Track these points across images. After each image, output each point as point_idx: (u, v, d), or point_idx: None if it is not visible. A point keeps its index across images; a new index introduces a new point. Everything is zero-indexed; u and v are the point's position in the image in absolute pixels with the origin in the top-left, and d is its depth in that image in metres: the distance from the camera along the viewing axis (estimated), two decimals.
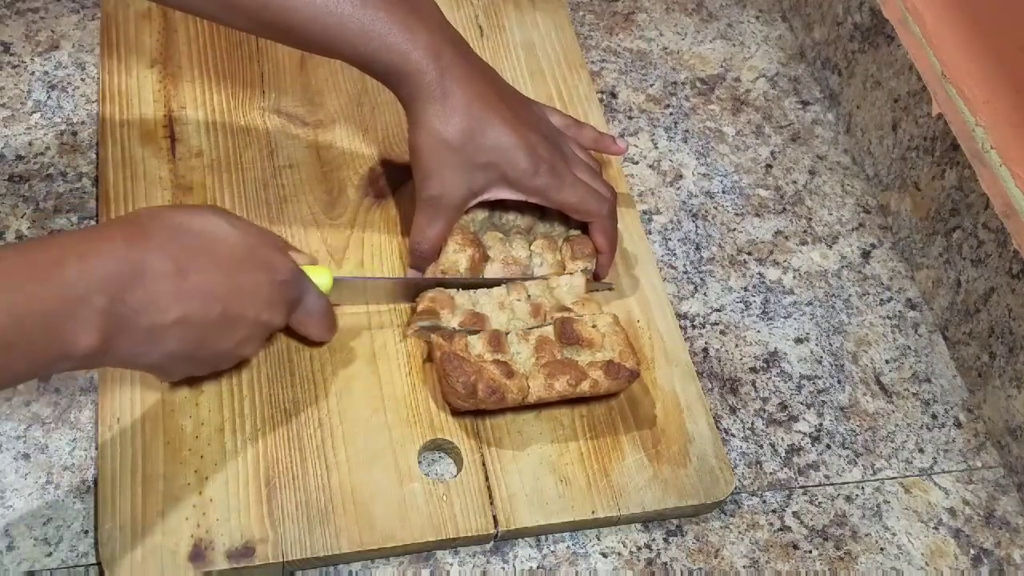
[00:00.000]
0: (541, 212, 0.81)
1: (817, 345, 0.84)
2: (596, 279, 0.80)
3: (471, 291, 0.76)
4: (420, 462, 0.72)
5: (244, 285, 0.65)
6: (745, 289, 0.86)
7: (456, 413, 0.73)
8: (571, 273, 0.78)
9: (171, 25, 0.89)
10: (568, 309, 0.76)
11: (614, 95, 0.96)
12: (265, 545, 0.66)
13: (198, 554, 0.65)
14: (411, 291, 0.77)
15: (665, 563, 0.72)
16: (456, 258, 0.76)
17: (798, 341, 0.84)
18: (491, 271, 0.77)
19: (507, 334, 0.74)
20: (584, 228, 0.80)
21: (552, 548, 0.71)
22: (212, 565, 0.65)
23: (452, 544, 0.70)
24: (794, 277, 0.87)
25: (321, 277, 0.72)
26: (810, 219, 0.91)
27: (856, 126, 0.96)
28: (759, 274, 0.87)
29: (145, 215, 0.63)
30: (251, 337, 0.67)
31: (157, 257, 0.60)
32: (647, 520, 0.73)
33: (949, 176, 0.85)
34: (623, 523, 0.72)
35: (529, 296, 0.77)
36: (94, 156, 0.83)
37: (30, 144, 0.83)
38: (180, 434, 0.70)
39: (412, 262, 0.78)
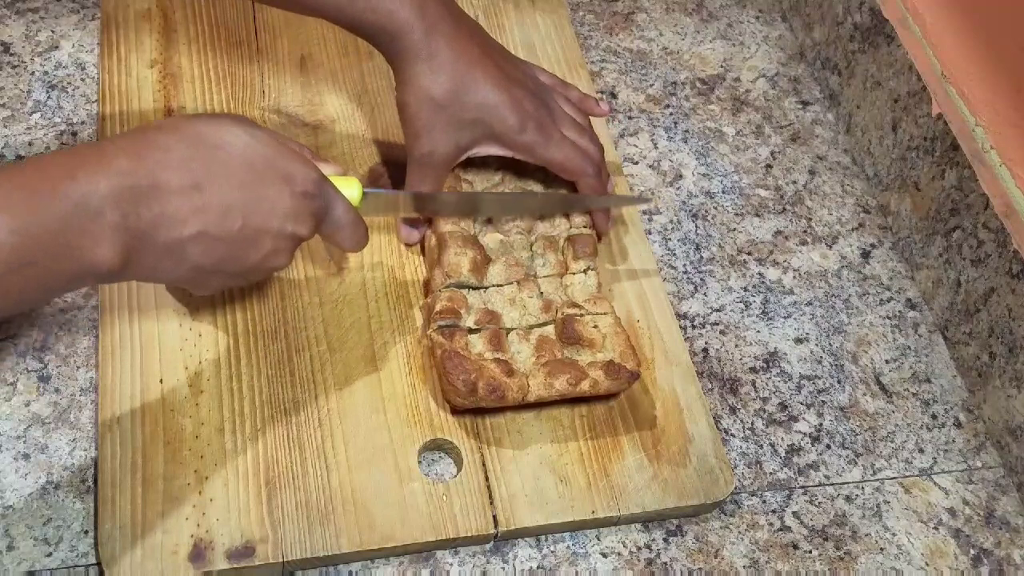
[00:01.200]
0: (542, 214, 0.81)
1: (817, 345, 0.84)
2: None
3: (482, 290, 0.76)
4: (420, 462, 0.72)
5: (264, 197, 0.63)
6: (745, 289, 0.86)
7: (456, 412, 0.73)
8: (574, 273, 0.78)
9: (171, 25, 0.89)
10: (579, 306, 0.76)
11: (614, 95, 0.96)
12: (265, 545, 0.66)
13: (198, 554, 0.65)
14: (439, 205, 0.78)
15: (665, 563, 0.72)
16: (457, 260, 0.76)
17: (798, 341, 0.84)
18: (493, 272, 0.77)
19: (508, 333, 0.74)
20: (581, 208, 0.81)
21: (552, 548, 0.71)
22: (212, 565, 0.65)
23: (452, 544, 0.70)
24: (794, 277, 0.87)
25: (350, 189, 0.71)
26: (810, 219, 0.91)
27: (856, 126, 0.96)
28: (759, 274, 0.87)
29: (161, 126, 0.62)
30: (278, 249, 0.65)
31: (171, 171, 0.59)
32: (647, 520, 0.73)
33: (949, 176, 0.85)
34: (623, 523, 0.72)
35: (541, 293, 0.77)
36: None
37: (30, 144, 0.83)
38: (180, 434, 0.70)
39: (406, 219, 0.79)
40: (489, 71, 0.74)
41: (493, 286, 0.76)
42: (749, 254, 0.88)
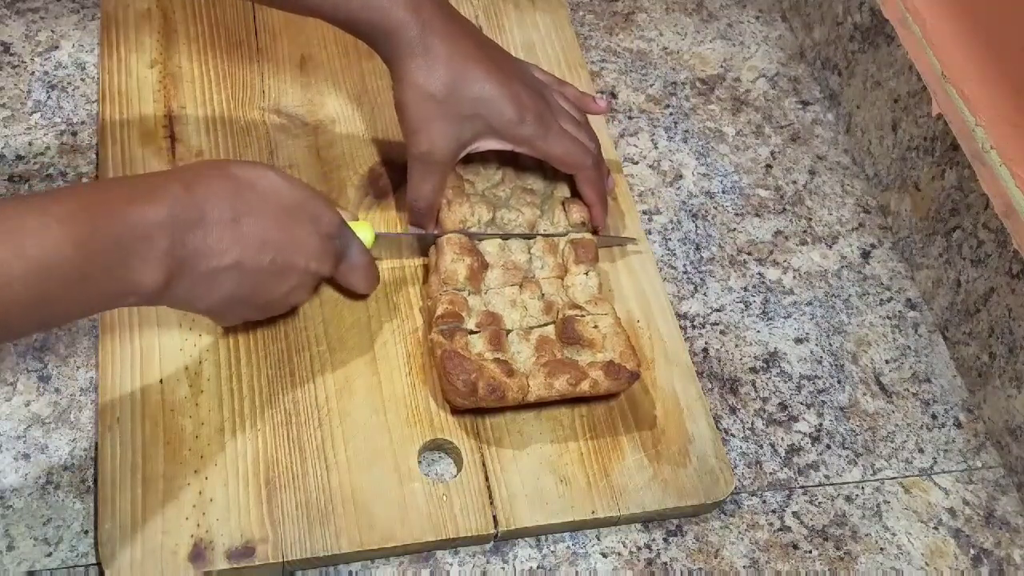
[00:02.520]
0: (541, 209, 0.81)
1: (817, 345, 0.84)
2: (595, 234, 0.81)
3: (483, 292, 0.76)
4: (420, 462, 0.72)
5: (295, 235, 0.68)
6: (745, 289, 0.86)
7: (456, 412, 0.73)
8: (575, 274, 0.78)
9: (171, 25, 0.89)
10: (580, 307, 0.76)
11: (614, 95, 0.96)
12: (265, 545, 0.66)
13: (198, 554, 0.65)
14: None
15: (665, 563, 0.72)
16: (455, 267, 0.75)
17: (798, 341, 0.84)
18: (491, 278, 0.77)
19: (508, 333, 0.74)
20: (577, 199, 0.81)
21: (552, 548, 0.71)
22: (212, 565, 0.65)
23: (452, 544, 0.70)
24: (794, 277, 0.87)
25: (364, 232, 0.75)
26: (810, 219, 0.91)
27: (856, 126, 0.96)
28: (759, 274, 0.87)
29: (203, 165, 0.66)
30: (301, 285, 0.70)
31: (215, 204, 0.63)
32: (647, 520, 0.73)
33: (949, 176, 0.85)
34: (623, 523, 0.72)
35: (543, 294, 0.77)
36: (94, 156, 0.83)
37: (30, 144, 0.83)
38: (180, 434, 0.70)
39: (412, 220, 0.79)
40: (485, 66, 0.75)
41: (490, 289, 0.76)
42: (749, 254, 0.88)
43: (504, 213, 0.80)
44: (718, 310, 0.85)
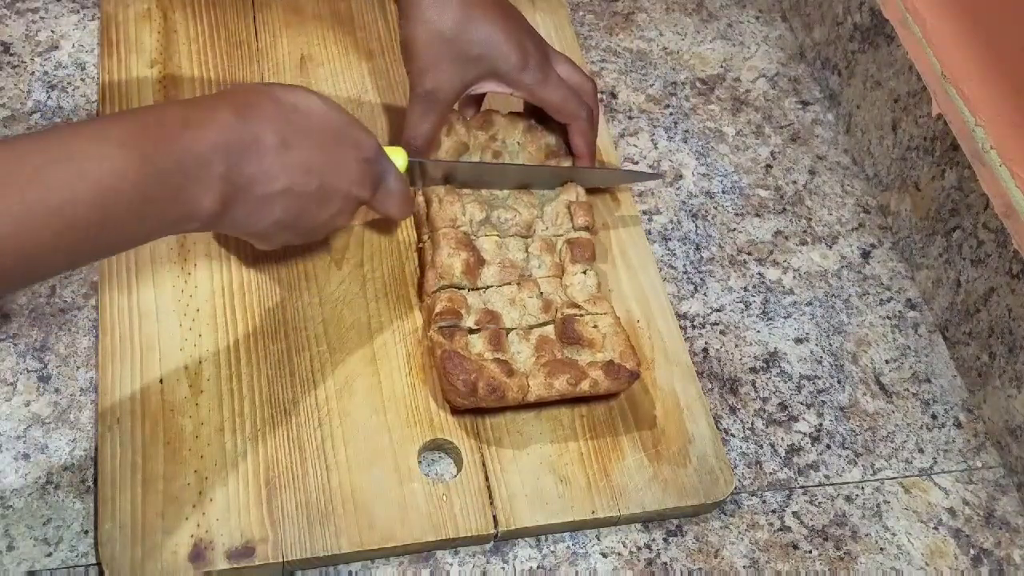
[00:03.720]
0: (540, 210, 0.81)
1: (817, 345, 0.84)
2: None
3: (482, 290, 0.76)
4: (420, 462, 0.72)
5: (338, 160, 0.69)
6: (745, 289, 0.86)
7: (456, 412, 0.73)
8: (573, 273, 0.78)
9: (171, 25, 0.89)
10: (579, 306, 0.76)
11: (614, 95, 0.96)
12: (265, 545, 0.66)
13: (198, 554, 0.65)
14: (478, 175, 0.81)
15: (665, 563, 0.72)
16: (451, 262, 0.76)
17: (798, 341, 0.84)
18: (487, 274, 0.77)
19: (508, 333, 0.74)
20: (582, 202, 0.82)
21: (552, 548, 0.71)
22: (212, 565, 0.65)
23: (452, 544, 0.70)
24: (794, 277, 0.87)
25: (398, 158, 0.76)
26: (810, 219, 0.91)
27: (856, 126, 0.96)
28: (759, 274, 0.87)
29: (249, 90, 0.67)
30: (344, 210, 0.71)
31: (264, 130, 0.64)
32: (647, 520, 0.73)
33: (949, 176, 0.85)
34: (623, 523, 0.72)
35: (541, 293, 0.77)
36: None
37: None
38: (180, 434, 0.70)
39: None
40: (494, 10, 0.76)
41: (488, 287, 0.76)
42: (749, 254, 0.88)
43: (501, 213, 0.80)
44: (718, 310, 0.85)
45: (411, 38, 0.76)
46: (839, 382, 0.82)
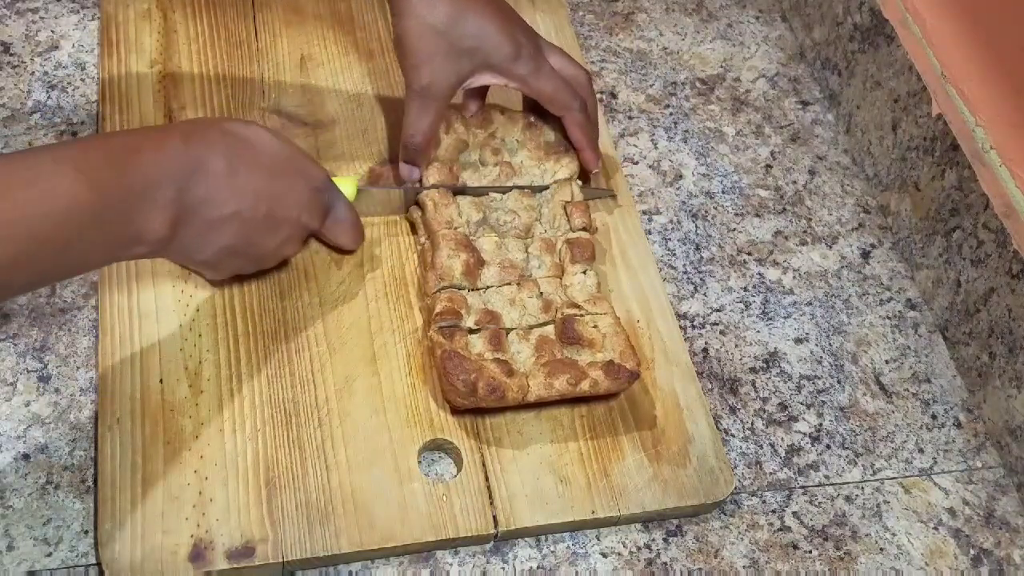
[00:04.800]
0: (539, 212, 0.81)
1: (817, 345, 0.84)
2: (585, 182, 0.83)
3: (482, 290, 0.76)
4: (420, 462, 0.71)
5: (287, 188, 0.70)
6: (745, 289, 0.86)
7: (456, 412, 0.73)
8: (573, 273, 0.78)
9: (171, 25, 0.89)
10: (579, 306, 0.76)
11: (614, 95, 0.96)
12: (265, 545, 0.66)
13: (198, 554, 0.65)
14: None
15: (665, 563, 0.72)
16: (451, 263, 0.76)
17: (798, 341, 0.84)
18: (488, 275, 0.77)
19: (508, 333, 0.74)
20: (579, 202, 0.82)
21: (552, 548, 0.71)
22: (212, 565, 0.65)
23: (452, 544, 0.70)
24: (794, 277, 0.87)
25: (346, 186, 0.77)
26: (810, 219, 0.91)
27: (856, 126, 0.96)
28: (759, 274, 0.87)
29: (197, 121, 0.69)
30: (292, 237, 0.73)
31: (213, 156, 0.66)
32: (647, 520, 0.73)
33: (949, 176, 0.85)
34: (623, 523, 0.72)
35: (541, 293, 0.77)
36: None
37: (30, 144, 0.83)
38: (180, 434, 0.70)
39: (406, 156, 0.80)
40: (483, 3, 0.77)
41: (488, 288, 0.76)
42: (749, 254, 0.88)
43: (499, 215, 0.80)
44: (718, 310, 0.85)
45: (403, 34, 0.76)
46: (839, 382, 0.82)
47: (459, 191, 0.80)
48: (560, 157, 0.83)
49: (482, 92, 0.83)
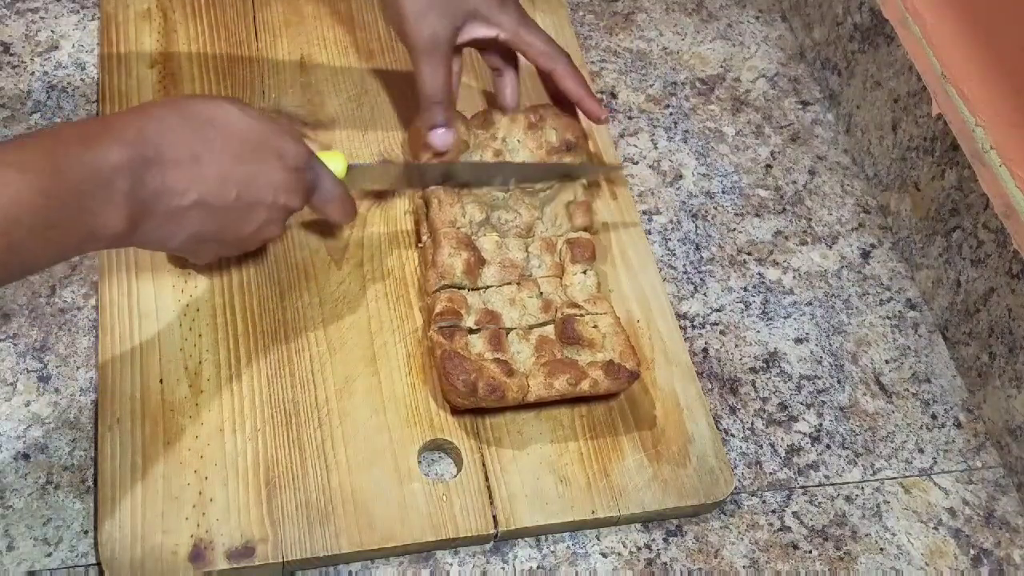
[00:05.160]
0: (540, 211, 0.81)
1: (817, 345, 0.84)
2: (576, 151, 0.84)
3: (482, 290, 0.76)
4: (420, 462, 0.72)
5: (258, 171, 0.67)
6: (745, 289, 0.86)
7: (456, 412, 0.73)
8: (573, 273, 0.78)
9: (171, 25, 0.89)
10: (579, 306, 0.76)
11: (614, 95, 0.96)
12: (265, 545, 0.66)
13: (198, 554, 0.65)
14: (422, 176, 0.80)
15: (665, 563, 0.72)
16: (451, 262, 0.76)
17: (798, 341, 0.84)
18: (488, 274, 0.77)
19: (508, 333, 0.74)
20: (581, 203, 0.81)
21: (552, 548, 0.71)
22: (212, 565, 0.65)
23: (452, 544, 0.70)
24: (794, 277, 0.87)
25: (335, 163, 0.75)
26: (810, 219, 0.91)
27: (856, 126, 0.96)
28: (759, 274, 0.87)
29: (157, 104, 0.66)
30: (271, 220, 0.70)
31: (171, 143, 0.63)
32: (647, 520, 0.73)
33: (949, 176, 0.85)
34: (623, 523, 0.72)
35: (541, 293, 0.77)
36: None
37: None
38: (180, 434, 0.70)
39: (432, 120, 0.79)
40: None
41: (489, 287, 0.76)
42: (749, 254, 0.88)
43: (501, 214, 0.80)
44: (718, 310, 0.85)
45: None
46: (839, 382, 0.82)
47: (453, 179, 0.80)
48: (562, 158, 0.83)
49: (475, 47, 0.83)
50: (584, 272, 0.78)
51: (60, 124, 0.60)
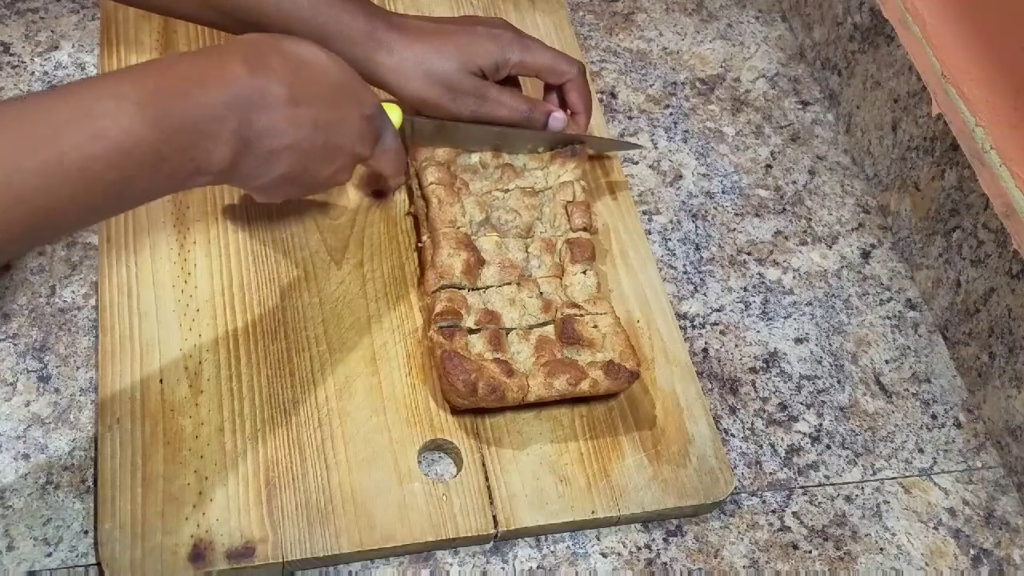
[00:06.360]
0: (540, 211, 0.81)
1: (817, 345, 0.84)
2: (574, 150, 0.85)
3: (482, 290, 0.76)
4: (420, 462, 0.72)
5: (342, 117, 0.69)
6: (745, 289, 0.86)
7: (456, 412, 0.73)
8: (573, 273, 0.78)
9: (171, 25, 0.89)
10: (579, 306, 0.76)
11: (614, 95, 0.96)
12: (265, 545, 0.66)
13: (198, 554, 0.65)
14: (469, 136, 0.82)
15: (665, 563, 0.72)
16: (451, 262, 0.76)
17: (798, 341, 0.84)
18: (488, 274, 0.77)
19: (508, 333, 0.74)
20: (580, 203, 0.81)
21: (552, 548, 0.71)
22: (212, 565, 0.65)
23: (452, 544, 0.70)
24: (794, 277, 0.87)
25: (392, 113, 0.77)
26: (810, 219, 0.91)
27: (856, 126, 0.96)
28: (759, 274, 0.87)
29: (258, 41, 0.66)
30: (344, 166, 0.72)
31: (274, 83, 0.64)
32: (647, 520, 0.73)
33: (949, 176, 0.85)
34: (623, 523, 0.72)
35: (541, 293, 0.77)
36: None
37: None
38: (180, 434, 0.70)
39: (534, 119, 0.82)
40: (439, 36, 0.79)
41: (489, 287, 0.76)
42: (749, 254, 0.88)
43: (501, 214, 0.80)
44: (718, 310, 0.85)
45: (401, 92, 0.78)
46: (839, 382, 0.82)
47: (500, 144, 0.82)
48: (565, 161, 0.83)
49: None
50: (584, 272, 0.78)
51: (171, 56, 0.62)
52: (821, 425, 0.80)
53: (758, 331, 0.84)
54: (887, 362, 0.84)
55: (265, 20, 0.75)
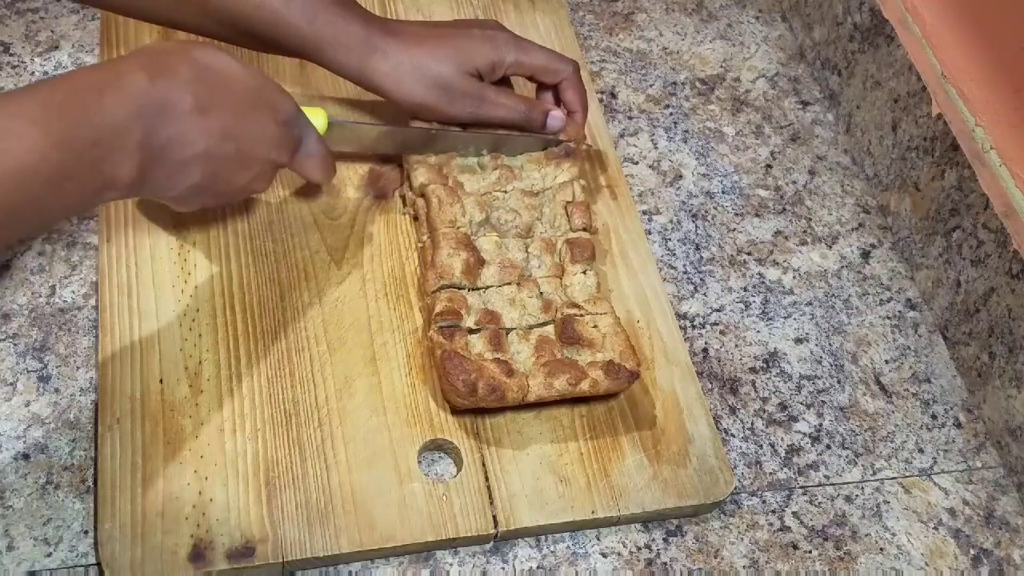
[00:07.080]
0: (540, 211, 0.81)
1: (817, 345, 0.84)
2: (564, 146, 0.85)
3: (482, 290, 0.76)
4: (420, 462, 0.72)
5: (255, 124, 0.68)
6: (745, 289, 0.86)
7: (456, 412, 0.73)
8: (573, 273, 0.78)
9: None
10: (579, 306, 0.76)
11: (614, 95, 0.96)
12: (265, 545, 0.66)
13: (198, 554, 0.65)
14: (402, 141, 0.81)
15: (665, 563, 0.72)
16: (450, 263, 0.76)
17: (798, 341, 0.84)
18: (488, 274, 0.77)
19: (508, 333, 0.74)
20: (579, 203, 0.81)
21: (552, 548, 0.71)
22: (212, 565, 0.65)
23: (452, 544, 0.70)
24: (794, 277, 0.87)
25: (317, 118, 0.76)
26: (810, 219, 0.91)
27: (856, 126, 0.96)
28: (759, 274, 0.87)
29: (163, 49, 0.66)
30: (261, 174, 0.71)
31: (180, 92, 0.62)
32: (647, 520, 0.73)
33: (949, 176, 0.85)
34: (623, 523, 0.72)
35: (541, 293, 0.77)
36: None
37: None
38: (180, 434, 0.70)
39: (534, 122, 0.83)
40: (435, 41, 0.79)
41: (488, 287, 0.76)
42: (749, 254, 0.88)
43: (501, 214, 0.80)
44: (718, 310, 0.85)
45: (402, 101, 0.79)
46: (839, 382, 0.82)
47: (433, 146, 0.81)
48: (561, 162, 0.83)
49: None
50: (584, 272, 0.78)
51: (69, 73, 0.61)
52: (821, 425, 0.80)
53: (758, 331, 0.84)
54: (887, 362, 0.84)
55: (261, 29, 0.75)
